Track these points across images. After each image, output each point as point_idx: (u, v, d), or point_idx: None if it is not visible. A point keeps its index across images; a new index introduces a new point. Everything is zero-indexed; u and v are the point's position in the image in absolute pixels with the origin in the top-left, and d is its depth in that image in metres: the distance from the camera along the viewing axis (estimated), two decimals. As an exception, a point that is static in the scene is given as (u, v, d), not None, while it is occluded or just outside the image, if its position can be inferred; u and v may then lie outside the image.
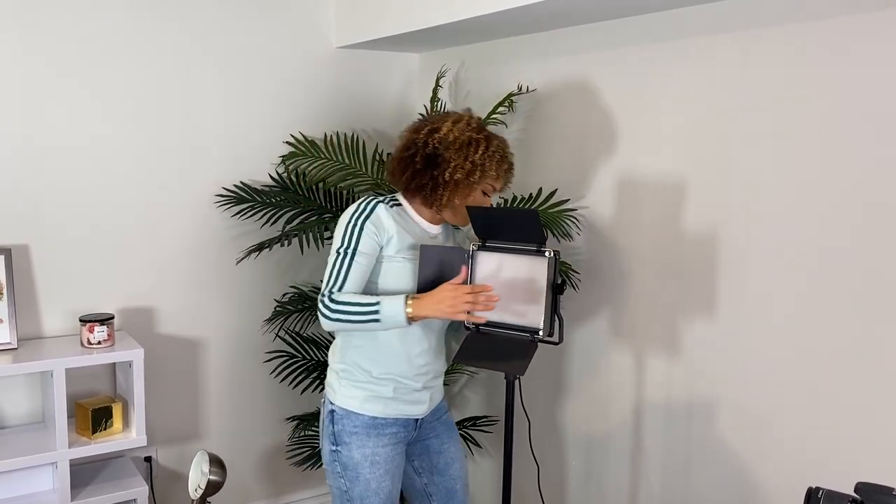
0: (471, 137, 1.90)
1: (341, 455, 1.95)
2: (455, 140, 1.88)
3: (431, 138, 1.90)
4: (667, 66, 2.17)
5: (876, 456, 1.76)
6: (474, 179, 1.89)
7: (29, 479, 2.45)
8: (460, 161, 1.87)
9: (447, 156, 1.88)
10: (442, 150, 1.88)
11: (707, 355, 2.12)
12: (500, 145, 1.94)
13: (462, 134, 1.90)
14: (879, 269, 1.73)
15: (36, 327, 2.56)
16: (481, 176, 1.89)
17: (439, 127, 1.92)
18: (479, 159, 1.88)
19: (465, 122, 1.93)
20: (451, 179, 1.88)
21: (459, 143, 1.88)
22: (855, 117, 1.75)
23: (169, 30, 2.68)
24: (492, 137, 1.94)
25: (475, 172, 1.88)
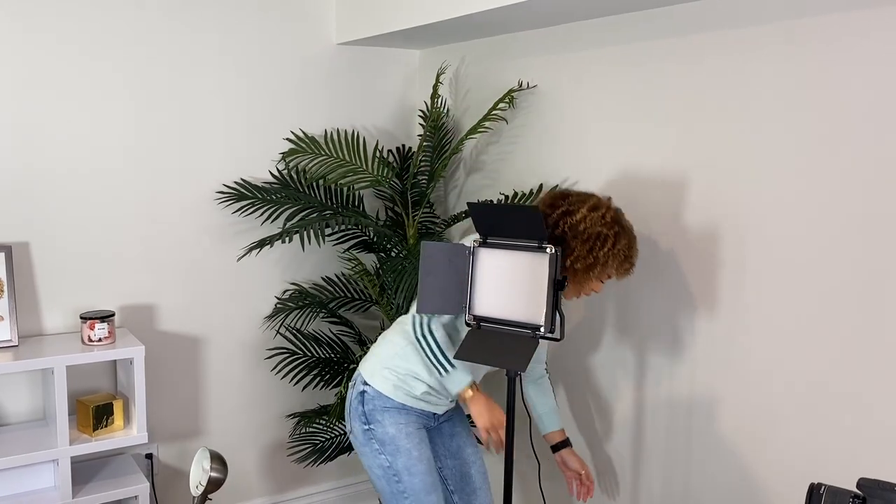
0: (600, 232, 1.93)
1: (376, 432, 2.03)
2: (584, 231, 1.92)
3: (564, 220, 1.95)
4: (667, 62, 2.17)
5: (878, 452, 1.76)
6: (593, 274, 1.94)
7: (30, 476, 2.45)
8: (584, 252, 1.92)
9: (573, 245, 1.93)
10: (570, 238, 1.93)
11: (708, 351, 2.12)
12: (626, 245, 1.96)
13: (593, 226, 1.93)
14: (881, 264, 1.72)
15: (37, 325, 2.56)
16: (601, 271, 1.95)
17: (574, 211, 1.95)
18: (602, 256, 1.92)
19: (601, 214, 1.94)
20: (570, 267, 1.93)
21: (588, 234, 1.92)
22: (856, 113, 1.75)
23: (169, 27, 2.67)
24: (620, 235, 1.96)
25: (595, 267, 1.93)
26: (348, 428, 2.12)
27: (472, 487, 2.15)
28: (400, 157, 3.01)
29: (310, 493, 3.17)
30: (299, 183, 2.83)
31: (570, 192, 2.05)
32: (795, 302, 1.90)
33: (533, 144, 2.67)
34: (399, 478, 2.03)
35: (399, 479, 2.03)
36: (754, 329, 2.00)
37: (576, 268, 1.93)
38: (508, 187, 2.78)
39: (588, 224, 1.93)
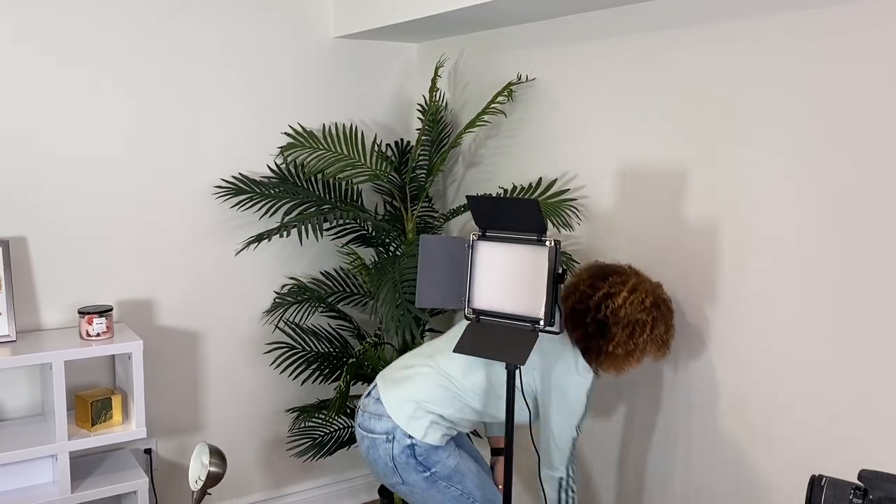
0: (639, 319, 1.96)
1: (439, 473, 2.04)
2: (625, 317, 1.96)
3: (605, 304, 1.98)
4: (667, 54, 2.16)
5: (880, 443, 1.76)
6: (633, 358, 1.98)
7: (29, 471, 2.45)
8: (623, 338, 1.96)
9: (614, 331, 1.96)
10: (611, 324, 1.96)
11: (708, 343, 2.12)
12: (664, 330, 2.00)
13: (634, 312, 1.96)
14: (882, 256, 1.72)
15: (34, 320, 2.56)
16: (639, 356, 1.99)
17: (616, 294, 1.98)
18: (641, 342, 1.97)
19: (641, 299, 1.97)
20: (612, 352, 1.97)
21: (628, 320, 1.96)
22: (857, 106, 1.74)
23: (167, 23, 2.66)
24: (658, 320, 1.99)
25: (635, 352, 1.98)
26: (396, 480, 2.05)
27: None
28: (398, 151, 3.00)
29: (309, 488, 3.17)
30: (297, 177, 2.82)
31: (608, 268, 2.07)
32: (796, 294, 1.90)
33: (532, 138, 2.66)
34: (473, 497, 2.07)
35: (475, 499, 2.07)
36: (755, 321, 2.00)
37: (616, 353, 1.97)
38: (507, 181, 2.77)
39: (629, 310, 1.96)
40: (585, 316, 1.99)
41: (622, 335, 1.95)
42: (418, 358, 2.12)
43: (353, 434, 2.91)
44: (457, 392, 2.03)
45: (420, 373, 2.07)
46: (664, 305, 2.02)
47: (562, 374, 2.00)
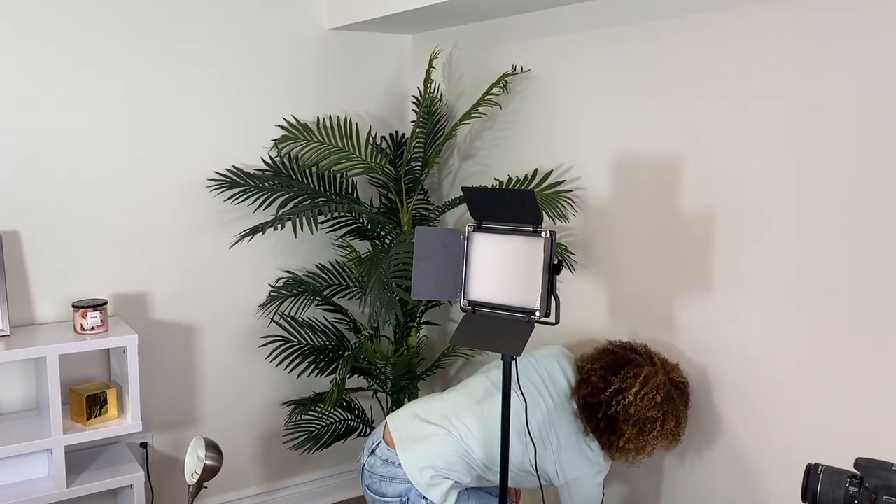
0: (650, 417, 1.97)
1: None
2: (635, 413, 1.96)
3: (616, 401, 1.98)
4: (662, 44, 2.15)
5: (875, 431, 1.76)
6: (644, 453, 2.00)
7: (24, 465, 2.44)
8: (634, 435, 1.97)
9: (624, 428, 1.98)
10: (621, 421, 1.98)
11: (703, 334, 2.12)
12: (675, 424, 2.00)
13: (644, 410, 1.96)
14: (877, 248, 1.72)
15: (28, 314, 2.55)
16: (650, 451, 2.00)
17: (627, 389, 1.98)
18: (651, 439, 1.97)
19: (651, 396, 1.97)
20: (623, 447, 1.99)
21: (638, 417, 1.96)
22: (854, 96, 1.74)
23: (159, 13, 2.64)
24: (669, 415, 1.98)
25: (645, 448, 1.99)
26: None
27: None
28: (393, 143, 2.99)
29: (305, 481, 3.17)
30: (292, 170, 2.81)
31: (620, 357, 2.06)
32: (791, 284, 1.90)
33: (527, 129, 2.65)
34: None
35: None
36: (750, 311, 2.00)
37: (627, 447, 1.99)
38: (503, 173, 2.76)
39: (640, 407, 1.96)
40: (597, 411, 2.01)
41: (632, 432, 1.97)
42: (434, 415, 2.07)
43: (349, 427, 2.91)
44: (472, 464, 2.03)
45: (438, 436, 2.03)
46: (678, 394, 2.02)
47: (580, 468, 2.04)
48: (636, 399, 1.96)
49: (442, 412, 2.07)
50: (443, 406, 2.08)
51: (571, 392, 2.09)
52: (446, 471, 2.01)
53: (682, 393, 2.06)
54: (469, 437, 2.02)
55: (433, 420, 2.05)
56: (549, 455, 2.05)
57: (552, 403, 2.07)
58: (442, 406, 2.08)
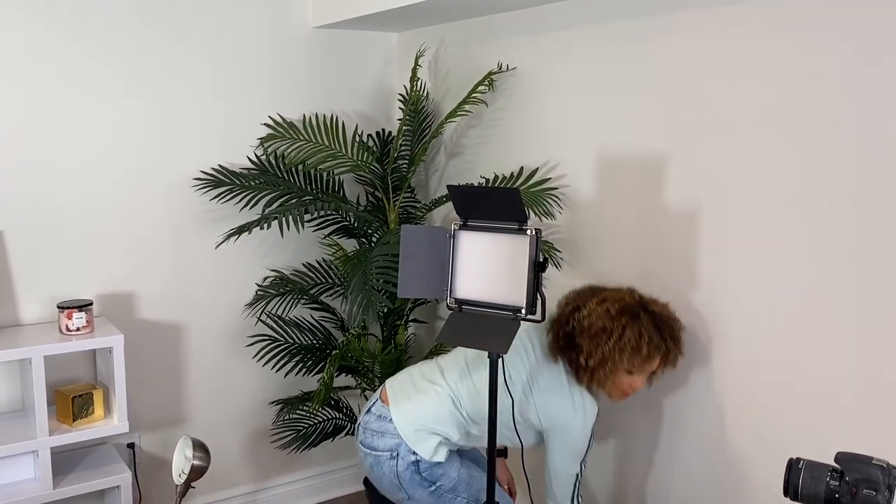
0: (604, 326, 1.93)
1: (444, 486, 2.05)
2: (589, 327, 1.94)
3: (572, 317, 1.97)
4: (648, 42, 2.16)
5: (856, 426, 1.78)
6: (608, 369, 1.94)
7: (10, 467, 2.43)
8: (592, 349, 1.93)
9: (580, 342, 1.95)
10: (577, 335, 1.95)
11: (688, 330, 2.13)
12: (638, 339, 1.93)
13: (597, 321, 1.93)
14: (860, 242, 1.74)
15: (12, 314, 2.53)
16: (612, 368, 1.94)
17: (582, 306, 1.97)
18: (609, 350, 1.92)
19: (606, 308, 1.94)
20: (587, 366, 1.94)
21: (593, 330, 1.93)
22: (840, 93, 1.75)
23: (144, 12, 2.63)
24: (627, 329, 1.93)
25: (606, 363, 1.93)
26: (402, 496, 2.07)
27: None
28: (380, 141, 2.99)
29: (294, 480, 3.17)
30: (278, 168, 2.80)
31: (593, 287, 2.07)
32: (775, 281, 1.91)
33: (513, 127, 2.66)
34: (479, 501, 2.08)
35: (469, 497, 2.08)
36: (734, 306, 2.01)
37: (589, 364, 1.94)
38: (489, 170, 2.77)
39: (593, 319, 1.94)
40: (558, 333, 2.00)
41: (589, 345, 1.93)
42: (428, 372, 2.12)
43: (337, 426, 2.91)
44: (462, 420, 2.05)
45: (429, 393, 2.07)
46: (648, 317, 1.97)
47: (563, 412, 2.01)
48: (590, 313, 1.95)
49: (436, 371, 2.12)
50: (437, 367, 2.14)
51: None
52: (436, 426, 2.03)
53: (657, 319, 1.98)
54: (458, 391, 2.05)
55: (427, 379, 2.11)
56: (531, 403, 2.04)
57: (534, 357, 2.07)
58: (436, 367, 2.14)
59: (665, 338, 1.98)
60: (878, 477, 1.17)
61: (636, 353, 1.94)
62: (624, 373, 1.98)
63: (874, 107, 1.68)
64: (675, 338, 2.00)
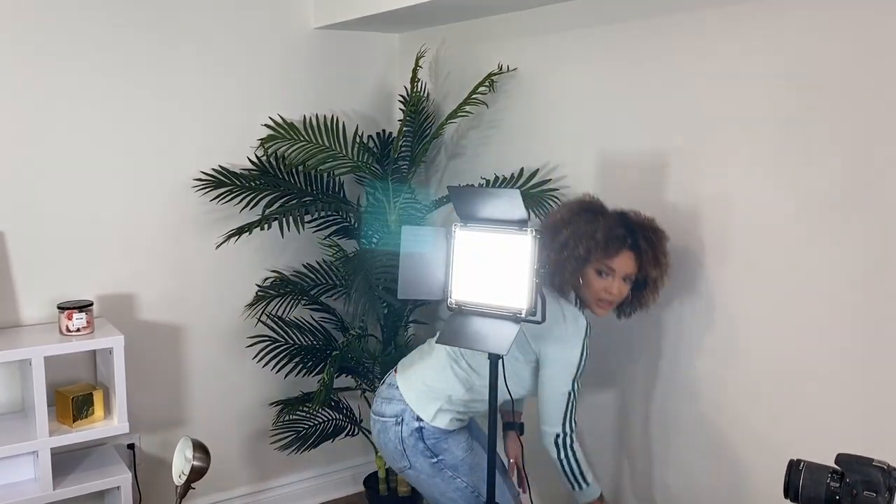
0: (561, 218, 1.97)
1: (446, 461, 2.04)
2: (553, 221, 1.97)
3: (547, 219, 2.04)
4: (648, 42, 2.16)
5: (856, 427, 1.78)
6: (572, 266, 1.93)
7: (10, 468, 2.42)
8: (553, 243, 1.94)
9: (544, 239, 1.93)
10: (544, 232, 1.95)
11: (689, 332, 2.13)
12: (590, 226, 1.92)
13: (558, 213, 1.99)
14: (863, 243, 1.74)
15: (13, 315, 2.53)
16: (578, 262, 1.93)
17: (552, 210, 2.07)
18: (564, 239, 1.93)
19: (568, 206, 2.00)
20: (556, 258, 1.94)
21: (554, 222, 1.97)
22: (840, 97, 1.75)
23: (144, 13, 2.63)
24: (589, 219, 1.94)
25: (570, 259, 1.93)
26: (404, 464, 2.07)
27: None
28: (380, 142, 2.99)
29: (293, 481, 3.17)
30: (278, 169, 2.80)
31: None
32: (775, 284, 1.91)
33: (514, 128, 2.66)
34: (478, 491, 2.06)
35: (479, 493, 2.06)
36: (735, 311, 2.01)
37: (551, 259, 1.93)
38: (489, 171, 2.77)
39: (554, 214, 1.98)
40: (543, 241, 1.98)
41: (552, 240, 1.92)
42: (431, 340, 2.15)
43: (337, 426, 2.91)
44: (462, 371, 2.04)
45: (431, 353, 2.10)
46: (614, 213, 1.97)
47: (551, 322, 1.94)
48: (556, 210, 2.02)
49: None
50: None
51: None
52: (436, 383, 2.04)
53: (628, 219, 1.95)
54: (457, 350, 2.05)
55: (428, 344, 2.16)
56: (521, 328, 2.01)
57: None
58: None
59: (635, 236, 1.94)
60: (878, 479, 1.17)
61: (592, 240, 1.90)
62: (593, 273, 1.94)
63: (878, 107, 1.68)
64: (649, 239, 1.95)
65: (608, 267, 1.95)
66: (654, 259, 1.96)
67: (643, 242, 1.95)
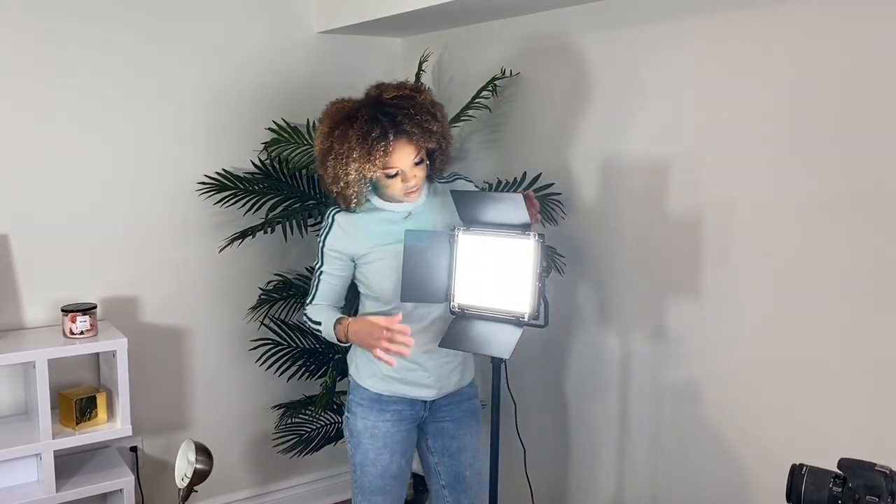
0: (322, 149, 1.91)
1: (350, 422, 2.07)
2: (318, 155, 1.95)
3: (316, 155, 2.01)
4: (650, 48, 2.17)
5: (859, 432, 1.78)
6: (348, 182, 1.85)
7: (13, 470, 2.43)
8: (325, 177, 1.92)
9: (321, 173, 1.96)
10: (318, 168, 1.98)
11: (691, 336, 2.13)
12: (348, 139, 1.82)
13: (317, 145, 1.95)
14: (865, 247, 1.74)
15: (17, 318, 2.53)
16: (352, 179, 1.85)
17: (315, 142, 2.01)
18: (332, 169, 1.87)
19: (321, 128, 1.93)
20: (338, 192, 1.90)
21: (319, 158, 1.94)
22: (843, 101, 1.76)
23: (149, 18, 2.64)
24: (343, 130, 1.84)
25: (339, 180, 1.87)
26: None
27: (464, 486, 2.13)
28: (383, 146, 2.99)
29: (296, 484, 3.17)
30: (282, 173, 2.81)
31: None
32: (777, 287, 1.91)
33: (516, 132, 2.67)
34: (355, 469, 2.08)
35: (355, 471, 2.09)
36: (736, 314, 2.01)
37: (338, 190, 1.87)
38: (492, 175, 2.77)
39: (316, 144, 1.94)
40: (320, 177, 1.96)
41: (323, 173, 1.91)
42: None
43: (339, 430, 2.91)
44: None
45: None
46: (364, 111, 1.84)
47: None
48: (314, 142, 1.98)
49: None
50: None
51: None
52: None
53: (380, 108, 1.83)
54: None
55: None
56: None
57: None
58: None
59: (395, 121, 1.79)
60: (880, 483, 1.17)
61: (357, 160, 1.80)
62: (384, 178, 1.85)
63: (881, 109, 1.68)
64: (410, 115, 1.80)
65: (391, 168, 1.83)
66: (425, 135, 1.83)
67: (407, 124, 1.80)
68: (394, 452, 2.03)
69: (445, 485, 2.13)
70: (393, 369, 1.95)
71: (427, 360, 1.98)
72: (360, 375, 2.04)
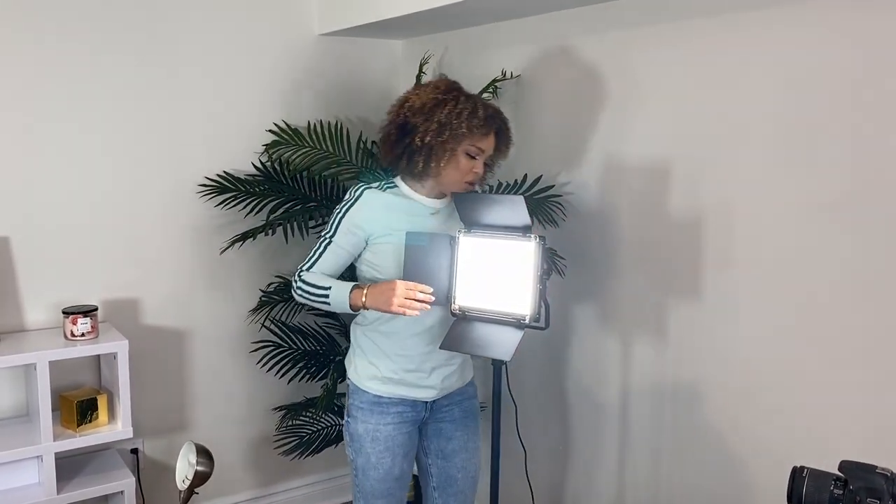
0: (435, 98, 1.91)
1: (350, 426, 2.06)
2: (423, 105, 1.90)
3: (402, 109, 1.94)
4: (651, 50, 2.17)
5: (860, 434, 1.78)
6: (444, 139, 1.87)
7: (14, 472, 2.43)
8: (428, 124, 1.88)
9: (415, 121, 1.90)
10: (410, 117, 1.91)
11: (692, 338, 2.14)
12: (469, 103, 1.90)
13: (427, 97, 1.91)
14: (865, 250, 1.74)
15: (18, 320, 2.54)
16: (451, 135, 1.87)
17: (409, 96, 1.95)
18: (444, 118, 1.88)
19: (434, 86, 1.94)
20: (422, 144, 1.88)
21: (423, 105, 1.90)
22: (844, 99, 1.76)
23: (150, 19, 2.64)
24: (461, 97, 1.92)
25: (444, 132, 1.87)
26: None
27: (455, 490, 2.13)
28: (384, 148, 2.99)
29: (296, 486, 3.17)
30: (283, 175, 2.81)
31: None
32: (778, 289, 1.91)
33: (517, 134, 2.65)
34: (356, 473, 2.07)
35: (356, 475, 2.08)
36: (738, 316, 2.01)
37: (427, 142, 1.88)
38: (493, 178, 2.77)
39: (423, 97, 1.92)
40: (390, 130, 1.96)
41: (425, 122, 1.88)
42: None
43: (340, 432, 2.91)
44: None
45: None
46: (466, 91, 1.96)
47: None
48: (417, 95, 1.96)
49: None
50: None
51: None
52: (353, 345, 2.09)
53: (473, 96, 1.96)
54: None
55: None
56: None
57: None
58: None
59: (496, 119, 1.95)
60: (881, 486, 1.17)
61: (473, 115, 1.88)
62: (462, 155, 1.90)
63: (882, 112, 1.68)
64: (505, 123, 1.99)
65: (479, 148, 1.92)
66: (508, 141, 2.00)
67: (502, 127, 1.97)
68: (396, 455, 2.03)
69: (436, 486, 2.12)
70: (393, 371, 1.98)
71: (427, 362, 1.98)
72: (359, 378, 2.03)
